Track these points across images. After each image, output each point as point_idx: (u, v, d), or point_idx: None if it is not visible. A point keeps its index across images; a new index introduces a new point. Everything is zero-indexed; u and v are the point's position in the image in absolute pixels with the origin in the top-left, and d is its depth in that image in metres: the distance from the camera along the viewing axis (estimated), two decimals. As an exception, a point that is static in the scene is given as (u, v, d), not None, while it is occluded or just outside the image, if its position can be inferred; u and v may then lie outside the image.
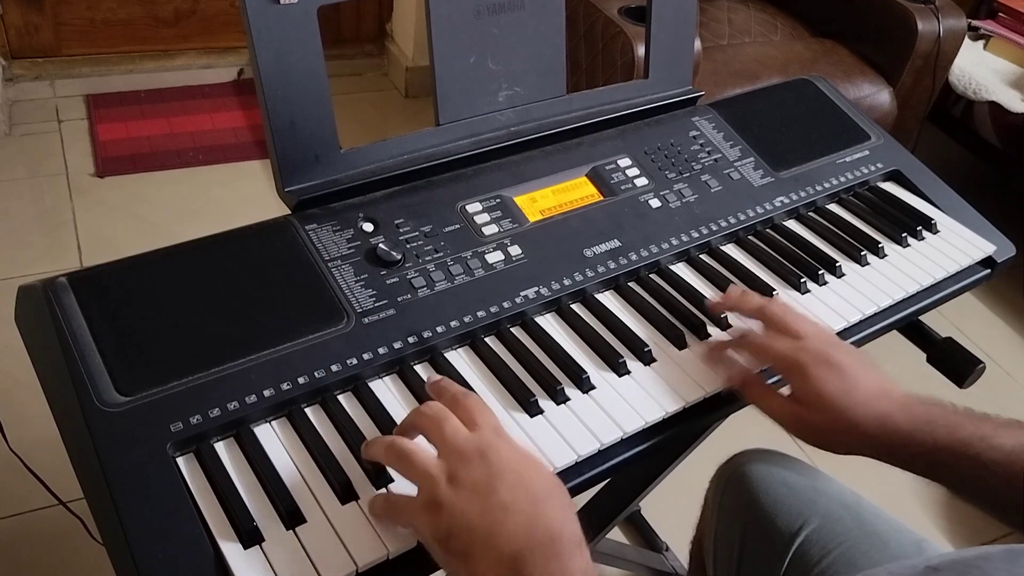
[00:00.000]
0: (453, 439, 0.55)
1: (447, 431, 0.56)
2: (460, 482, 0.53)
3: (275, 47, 0.69)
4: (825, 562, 0.79)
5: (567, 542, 0.52)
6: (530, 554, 0.50)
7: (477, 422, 0.57)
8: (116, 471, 0.55)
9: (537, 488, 0.54)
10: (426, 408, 0.58)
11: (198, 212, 1.99)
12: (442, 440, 0.56)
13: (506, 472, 0.53)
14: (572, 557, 0.51)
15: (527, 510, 0.52)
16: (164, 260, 0.67)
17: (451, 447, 0.55)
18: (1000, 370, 1.93)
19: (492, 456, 0.54)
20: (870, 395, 0.66)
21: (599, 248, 0.80)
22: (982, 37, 2.19)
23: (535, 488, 0.53)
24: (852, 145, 1.00)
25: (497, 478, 0.53)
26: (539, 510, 0.52)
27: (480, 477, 0.53)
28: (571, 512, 0.54)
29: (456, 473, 0.54)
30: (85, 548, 1.15)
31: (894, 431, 0.65)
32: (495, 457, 0.54)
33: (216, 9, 2.42)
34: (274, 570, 0.53)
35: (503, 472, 0.53)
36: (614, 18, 1.63)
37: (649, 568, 1.41)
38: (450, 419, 0.57)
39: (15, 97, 2.25)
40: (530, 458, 0.56)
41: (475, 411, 0.58)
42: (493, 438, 0.56)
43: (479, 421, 0.57)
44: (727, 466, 0.92)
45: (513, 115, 0.84)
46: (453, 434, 0.56)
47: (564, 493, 0.55)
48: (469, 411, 0.58)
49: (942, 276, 0.88)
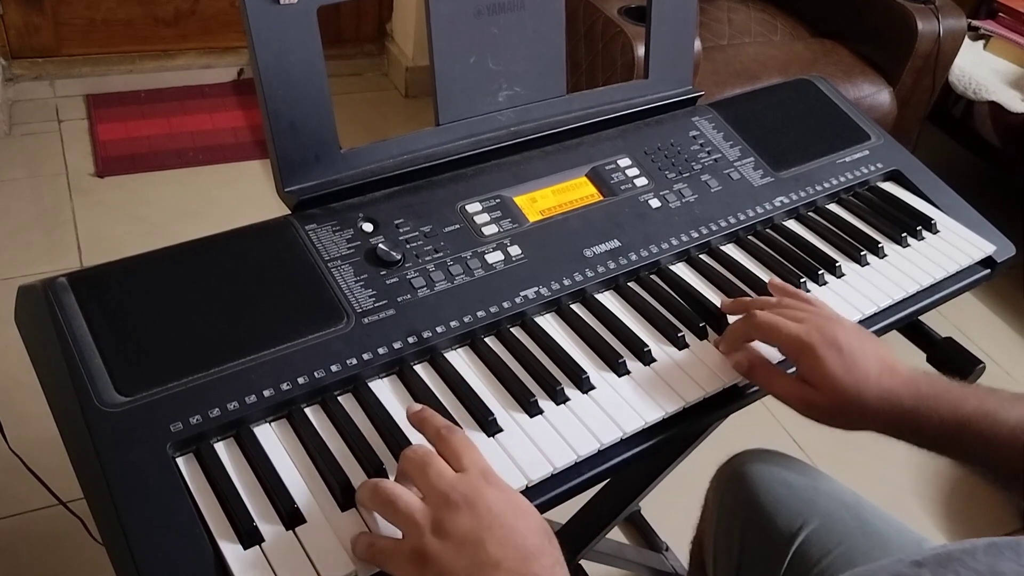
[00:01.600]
0: (438, 484, 0.53)
1: (431, 475, 0.54)
2: (447, 533, 0.51)
3: (275, 47, 0.69)
4: (825, 562, 0.79)
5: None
6: None
7: (463, 464, 0.55)
8: (116, 471, 0.55)
9: (528, 543, 0.52)
10: (410, 451, 0.56)
11: (198, 212, 1.99)
12: (427, 485, 0.54)
13: (496, 526, 0.52)
14: None
15: (517, 568, 0.50)
16: (164, 260, 0.67)
17: (437, 493, 0.53)
18: (1000, 370, 1.93)
19: (480, 506, 0.52)
20: (875, 372, 0.67)
21: (599, 248, 0.80)
22: (982, 37, 2.19)
23: (526, 543, 0.52)
24: (852, 145, 1.00)
25: (486, 531, 0.51)
26: (529, 568, 0.51)
27: (468, 528, 0.51)
28: (562, 569, 0.53)
29: (442, 522, 0.52)
30: (85, 548, 1.15)
31: (899, 407, 0.66)
32: (483, 507, 0.52)
33: (216, 9, 2.42)
34: (274, 570, 0.53)
35: (492, 525, 0.52)
36: (614, 18, 1.63)
37: (649, 568, 1.41)
38: (434, 462, 0.55)
39: (15, 97, 2.25)
40: (520, 507, 0.54)
41: (461, 450, 0.56)
42: (481, 484, 0.54)
43: (465, 462, 0.55)
44: (727, 466, 0.92)
45: (513, 115, 0.84)
46: (438, 478, 0.54)
47: (555, 547, 0.54)
48: (455, 450, 0.56)
49: (942, 276, 0.88)
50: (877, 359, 0.68)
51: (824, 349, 0.67)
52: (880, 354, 0.68)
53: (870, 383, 0.66)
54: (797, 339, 0.68)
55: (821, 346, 0.67)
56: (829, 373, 0.67)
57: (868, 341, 0.69)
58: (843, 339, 0.68)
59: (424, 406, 0.62)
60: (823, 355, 0.67)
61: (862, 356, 0.67)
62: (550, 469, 0.62)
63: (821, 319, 0.70)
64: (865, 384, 0.66)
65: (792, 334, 0.69)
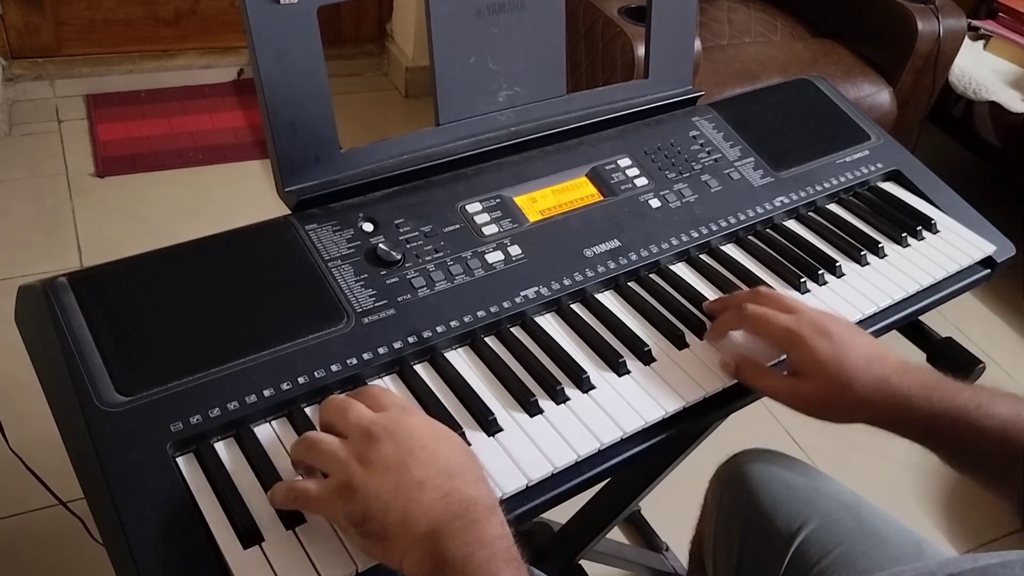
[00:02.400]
0: (358, 421, 0.55)
1: (351, 416, 0.55)
2: (371, 462, 0.53)
3: (275, 47, 0.69)
4: (825, 562, 0.79)
5: (482, 508, 0.52)
6: (447, 525, 0.50)
7: (383, 403, 0.57)
8: (116, 471, 0.55)
9: (450, 463, 0.54)
10: (329, 399, 0.58)
11: (198, 212, 1.99)
12: (347, 425, 0.55)
13: (417, 449, 0.53)
14: (488, 522, 0.52)
15: (441, 484, 0.52)
16: (164, 260, 0.67)
17: (358, 429, 0.54)
18: (1000, 370, 1.93)
19: (401, 434, 0.54)
20: (866, 360, 0.67)
21: (599, 248, 0.80)
22: (982, 37, 2.19)
23: (448, 463, 0.53)
24: (852, 145, 1.00)
25: (408, 455, 0.53)
26: (453, 484, 0.52)
27: (391, 455, 0.53)
28: (485, 483, 0.55)
29: (366, 454, 0.53)
30: (85, 548, 1.15)
31: (891, 395, 0.66)
32: (404, 434, 0.54)
33: (216, 9, 2.42)
34: (274, 570, 0.53)
35: (414, 449, 0.53)
36: (614, 18, 1.63)
37: (649, 568, 1.41)
38: (354, 405, 0.56)
39: (15, 97, 2.25)
40: (440, 431, 0.56)
41: (380, 395, 0.58)
42: (401, 415, 0.56)
43: (384, 402, 0.57)
44: (727, 466, 0.92)
45: (513, 115, 0.84)
46: (358, 417, 0.55)
47: (477, 464, 0.56)
48: (374, 396, 0.58)
49: (942, 276, 0.88)
50: (869, 347, 0.68)
51: (814, 337, 0.68)
52: (872, 344, 0.69)
53: (860, 371, 0.66)
54: (786, 329, 0.69)
55: (811, 334, 0.68)
56: (819, 360, 0.67)
57: (859, 334, 0.70)
58: (833, 328, 0.68)
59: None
60: (813, 343, 0.67)
61: (852, 345, 0.68)
62: (550, 469, 0.62)
63: (811, 311, 0.71)
64: (855, 372, 0.66)
65: (782, 324, 0.69)
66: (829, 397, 0.67)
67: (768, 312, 0.71)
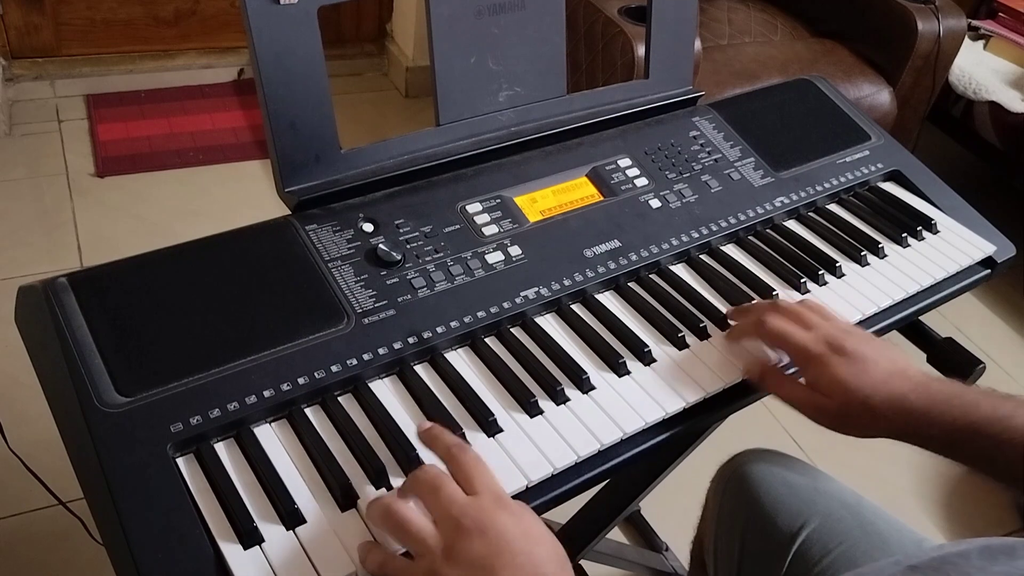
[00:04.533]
0: (449, 508, 0.53)
1: (443, 499, 0.53)
2: (458, 559, 0.51)
3: (275, 47, 0.69)
4: (825, 561, 0.79)
5: None
6: None
7: (475, 487, 0.55)
8: (116, 471, 0.55)
9: (539, 572, 0.51)
10: (421, 473, 0.55)
11: (198, 212, 1.99)
12: (439, 508, 0.53)
13: (507, 552, 0.51)
14: None
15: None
16: (164, 260, 0.67)
17: (448, 518, 0.52)
18: (1000, 370, 1.93)
19: (492, 532, 0.51)
20: (884, 376, 0.67)
21: (599, 248, 0.80)
22: (982, 37, 2.19)
23: (537, 572, 0.51)
24: (852, 145, 1.00)
25: (496, 558, 0.50)
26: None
27: (479, 555, 0.50)
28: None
29: (454, 548, 0.51)
30: (85, 548, 1.15)
31: (909, 412, 0.66)
32: (495, 533, 0.51)
33: (216, 9, 2.42)
34: (274, 570, 0.53)
35: (503, 551, 0.51)
36: (614, 18, 1.63)
37: (649, 568, 1.41)
38: (446, 485, 0.54)
39: (15, 97, 2.25)
40: (532, 533, 0.53)
41: (473, 472, 0.56)
42: (493, 509, 0.53)
43: (477, 485, 0.55)
44: (727, 466, 0.92)
45: (513, 115, 0.84)
46: (449, 503, 0.53)
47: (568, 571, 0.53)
48: (467, 472, 0.56)
49: (942, 276, 0.88)
50: (888, 363, 0.67)
51: (830, 356, 0.67)
52: (892, 358, 0.68)
53: (877, 389, 0.66)
54: (804, 348, 0.69)
55: (828, 354, 0.68)
56: (838, 379, 0.67)
57: (880, 347, 0.69)
58: (851, 346, 0.68)
59: (434, 423, 0.62)
60: (830, 362, 0.67)
61: (872, 362, 0.67)
62: (550, 469, 0.62)
63: (830, 328, 0.70)
64: (873, 389, 0.66)
65: (800, 343, 0.69)
66: (848, 413, 0.67)
67: (786, 329, 0.70)
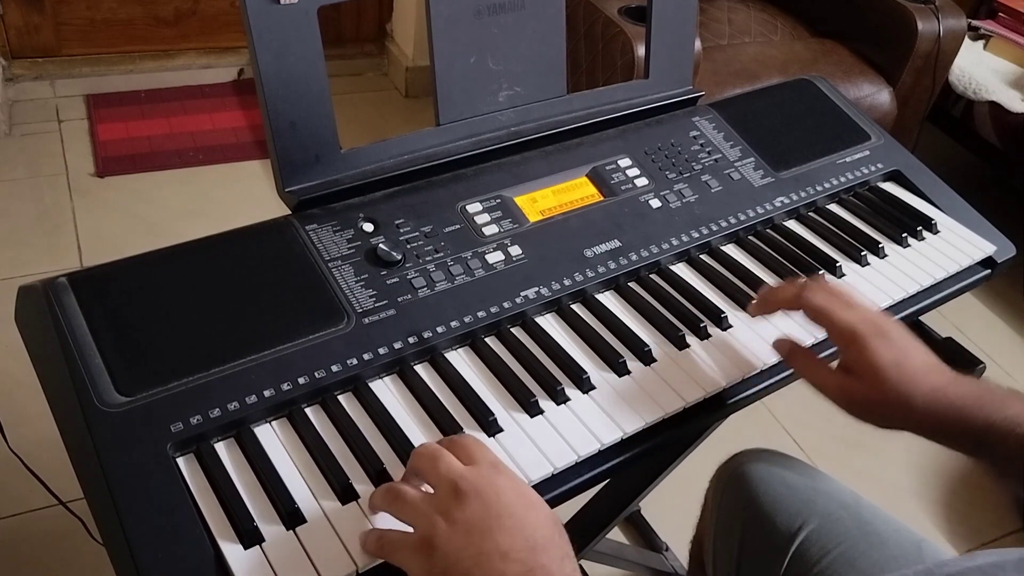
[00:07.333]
0: (448, 474, 0.53)
1: (441, 467, 0.54)
2: (455, 521, 0.51)
3: (275, 47, 0.69)
4: (825, 562, 0.79)
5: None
6: None
7: (474, 457, 0.55)
8: (116, 471, 0.55)
9: (536, 535, 0.51)
10: (421, 447, 0.56)
11: (198, 212, 1.99)
12: (437, 476, 0.54)
13: (504, 515, 0.51)
14: None
15: (525, 559, 0.50)
16: (164, 260, 0.67)
17: (446, 483, 0.53)
18: (1000, 370, 1.93)
19: (490, 495, 0.52)
20: (924, 368, 0.65)
21: (599, 248, 0.80)
22: (982, 37, 2.19)
23: (535, 535, 0.51)
24: (852, 145, 1.00)
25: (495, 520, 0.51)
26: (537, 560, 0.50)
27: (476, 516, 0.51)
28: (571, 560, 0.52)
29: (451, 511, 0.51)
30: (85, 548, 1.15)
31: (948, 406, 0.64)
32: (493, 496, 0.52)
33: (216, 9, 2.42)
34: (274, 570, 0.53)
35: (501, 514, 0.51)
36: (614, 18, 1.63)
37: (649, 568, 1.41)
38: (444, 456, 0.55)
39: (15, 97, 2.25)
40: (530, 498, 0.54)
41: (472, 447, 0.56)
42: (491, 474, 0.53)
43: (476, 456, 0.55)
44: (727, 466, 0.92)
45: (513, 115, 0.84)
46: (447, 470, 0.53)
47: (564, 540, 0.53)
48: (466, 447, 0.56)
49: (942, 276, 0.88)
50: (924, 354, 0.66)
51: (875, 339, 0.65)
52: (926, 351, 0.67)
53: (918, 380, 0.64)
54: (849, 326, 0.66)
55: (872, 336, 0.65)
56: (878, 364, 0.64)
57: (914, 339, 0.68)
58: (895, 333, 0.66)
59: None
60: (874, 345, 0.65)
61: (913, 352, 0.66)
62: (550, 469, 0.62)
63: (868, 309, 0.68)
64: (913, 380, 0.64)
65: (844, 321, 0.67)
66: (881, 402, 0.65)
67: (831, 305, 0.68)
